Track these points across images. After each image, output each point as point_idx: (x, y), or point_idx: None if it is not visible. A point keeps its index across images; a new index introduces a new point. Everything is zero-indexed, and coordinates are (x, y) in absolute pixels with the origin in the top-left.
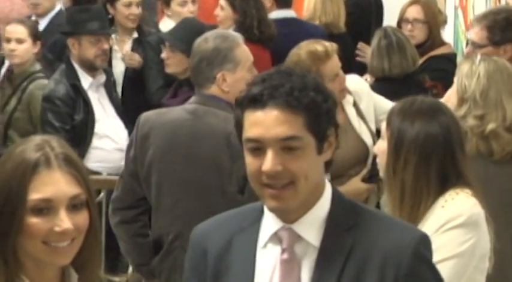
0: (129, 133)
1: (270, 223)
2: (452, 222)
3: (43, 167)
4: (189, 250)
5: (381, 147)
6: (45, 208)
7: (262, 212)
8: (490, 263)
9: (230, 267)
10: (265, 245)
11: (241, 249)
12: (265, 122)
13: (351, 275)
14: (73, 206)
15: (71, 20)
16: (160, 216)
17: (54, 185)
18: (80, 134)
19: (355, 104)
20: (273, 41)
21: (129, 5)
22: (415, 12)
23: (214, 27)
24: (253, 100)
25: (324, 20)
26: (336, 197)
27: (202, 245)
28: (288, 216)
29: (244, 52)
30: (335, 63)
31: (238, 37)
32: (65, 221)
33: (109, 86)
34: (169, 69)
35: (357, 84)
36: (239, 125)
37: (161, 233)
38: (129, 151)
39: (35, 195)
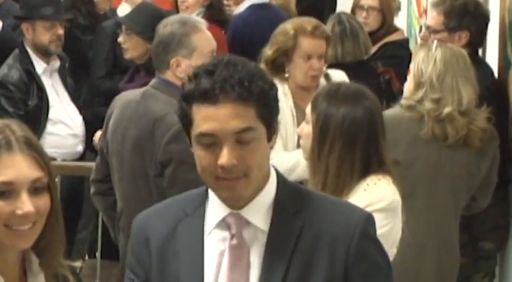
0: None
1: (216, 209)
2: (374, 205)
3: (4, 150)
4: (131, 240)
5: (304, 130)
6: (7, 191)
7: (205, 198)
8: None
9: (178, 255)
10: (211, 231)
11: (187, 236)
12: (219, 117)
13: (302, 258)
14: (35, 189)
15: (25, 4)
16: (116, 194)
17: (15, 168)
18: (34, 119)
19: None
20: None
21: None
22: (370, 0)
23: (171, 12)
24: (203, 94)
25: (274, 2)
26: (281, 182)
27: (144, 234)
28: (238, 203)
29: (203, 38)
30: (317, 45)
31: (200, 23)
32: (26, 204)
33: (63, 72)
34: (128, 54)
35: (341, 78)
36: (187, 119)
37: (118, 211)
38: (103, 128)
39: None
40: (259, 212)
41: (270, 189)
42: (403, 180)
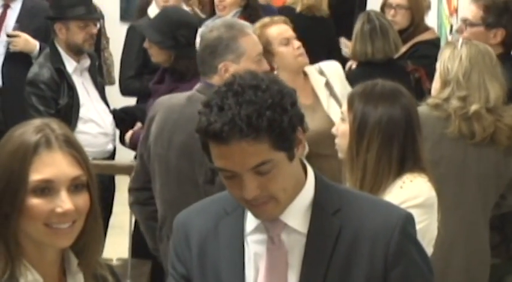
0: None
1: None
2: (411, 201)
3: (44, 148)
4: (173, 237)
5: (341, 129)
6: (46, 189)
7: None
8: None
9: (219, 252)
10: (251, 232)
11: (228, 235)
12: (232, 156)
13: (341, 258)
14: (74, 187)
15: (56, 4)
16: (156, 201)
17: (55, 165)
18: (65, 118)
19: (327, 84)
20: None
21: None
22: None
23: (194, 17)
24: (214, 136)
25: (306, 2)
26: (319, 183)
27: (184, 231)
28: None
29: (250, 42)
30: (282, 29)
31: (246, 26)
32: (66, 202)
33: (93, 70)
34: (153, 59)
35: (334, 68)
36: (206, 150)
37: (159, 218)
38: (144, 132)
39: (36, 176)
40: (297, 215)
41: (308, 191)
42: None
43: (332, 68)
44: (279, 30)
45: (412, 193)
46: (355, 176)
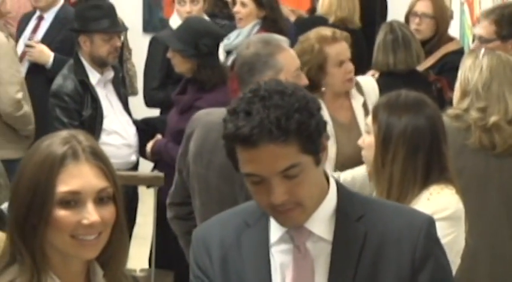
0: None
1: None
2: (439, 214)
3: (70, 160)
4: (192, 250)
5: (366, 141)
6: (73, 201)
7: None
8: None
9: (243, 264)
10: (276, 242)
11: (252, 246)
12: (262, 159)
13: (368, 264)
14: (100, 199)
15: (80, 17)
16: (196, 218)
17: (81, 177)
18: (89, 130)
19: (364, 105)
20: None
21: None
22: (424, 6)
23: (216, 27)
24: (243, 140)
25: (339, 15)
26: (341, 191)
27: (204, 243)
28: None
29: (288, 57)
30: (342, 48)
31: (283, 41)
32: (92, 214)
33: (117, 82)
34: (176, 69)
35: (372, 87)
36: (233, 157)
37: None
38: (183, 145)
39: (63, 187)
40: (321, 223)
41: (331, 199)
42: None
43: (370, 87)
44: (339, 50)
45: (439, 205)
46: (381, 188)
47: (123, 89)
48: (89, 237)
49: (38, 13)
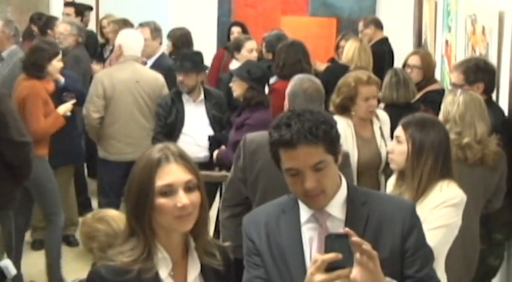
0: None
1: (306, 208)
2: (450, 201)
3: (164, 162)
4: (244, 229)
5: (397, 150)
6: (168, 191)
7: (297, 200)
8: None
9: (281, 239)
10: (305, 222)
11: (287, 226)
12: (299, 157)
13: (370, 236)
14: (188, 188)
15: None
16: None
17: (173, 174)
18: (170, 131)
19: (380, 128)
20: None
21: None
22: (414, 60)
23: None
24: (285, 144)
25: (359, 64)
26: (349, 185)
27: (255, 224)
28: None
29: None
30: (371, 90)
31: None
32: (183, 199)
33: (208, 105)
34: (234, 94)
35: (385, 118)
36: (276, 158)
37: None
38: (237, 162)
39: (160, 182)
40: (337, 207)
41: (343, 190)
42: None
43: (384, 117)
44: (368, 91)
45: (451, 194)
46: (413, 183)
47: (214, 111)
48: (183, 215)
49: (144, 59)
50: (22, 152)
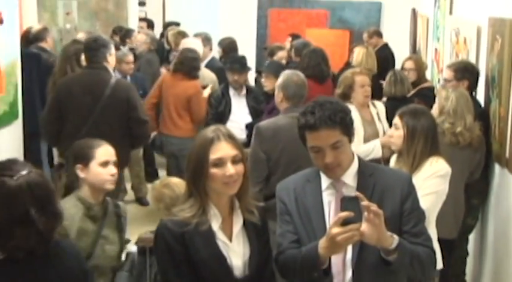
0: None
1: (326, 177)
2: (438, 172)
3: (216, 140)
4: (277, 194)
5: (396, 134)
6: (219, 163)
7: (319, 171)
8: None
9: (307, 202)
10: (325, 189)
11: (312, 192)
12: (320, 137)
13: (376, 198)
14: (234, 161)
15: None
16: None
17: (223, 150)
18: (221, 117)
19: (377, 114)
20: None
21: None
22: (409, 64)
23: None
24: (310, 127)
25: (366, 66)
26: (360, 160)
27: (286, 190)
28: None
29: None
30: (365, 78)
31: None
32: (230, 169)
33: (248, 98)
34: (266, 88)
35: (381, 106)
36: (303, 138)
37: None
38: (258, 147)
39: (213, 156)
40: (350, 177)
41: (355, 164)
42: None
43: (380, 106)
44: (362, 79)
45: (439, 167)
46: (408, 160)
47: (252, 103)
48: (230, 182)
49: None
50: (144, 127)
